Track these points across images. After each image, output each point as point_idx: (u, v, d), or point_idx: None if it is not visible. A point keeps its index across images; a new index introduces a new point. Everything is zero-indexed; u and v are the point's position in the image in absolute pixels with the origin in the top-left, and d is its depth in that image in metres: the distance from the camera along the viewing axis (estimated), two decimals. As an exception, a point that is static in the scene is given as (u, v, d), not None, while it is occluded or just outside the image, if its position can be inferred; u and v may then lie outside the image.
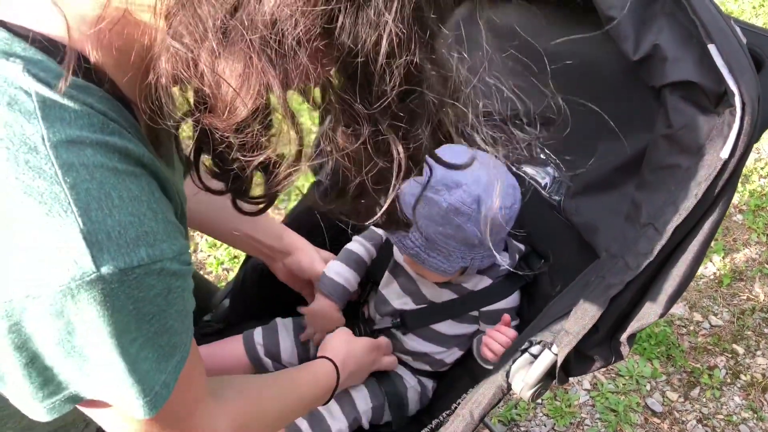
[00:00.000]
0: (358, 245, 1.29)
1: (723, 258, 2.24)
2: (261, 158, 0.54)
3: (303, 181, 2.56)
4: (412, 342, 1.22)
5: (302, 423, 1.14)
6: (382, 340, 1.21)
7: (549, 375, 0.95)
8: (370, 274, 1.29)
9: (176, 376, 0.60)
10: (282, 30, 0.46)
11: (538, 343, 0.95)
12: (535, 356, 0.95)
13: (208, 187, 0.64)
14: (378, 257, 1.29)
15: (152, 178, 0.55)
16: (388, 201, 0.61)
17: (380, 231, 1.31)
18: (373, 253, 1.30)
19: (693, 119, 0.89)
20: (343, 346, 1.12)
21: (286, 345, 1.25)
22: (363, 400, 1.18)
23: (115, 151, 0.51)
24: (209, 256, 2.23)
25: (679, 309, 2.12)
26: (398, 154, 0.56)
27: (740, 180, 2.44)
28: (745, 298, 2.14)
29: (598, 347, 0.94)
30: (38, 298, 0.48)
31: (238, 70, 0.48)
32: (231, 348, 1.24)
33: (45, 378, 0.54)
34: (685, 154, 0.89)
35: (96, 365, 0.53)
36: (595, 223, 1.04)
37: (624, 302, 0.90)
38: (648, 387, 1.94)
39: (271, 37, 0.46)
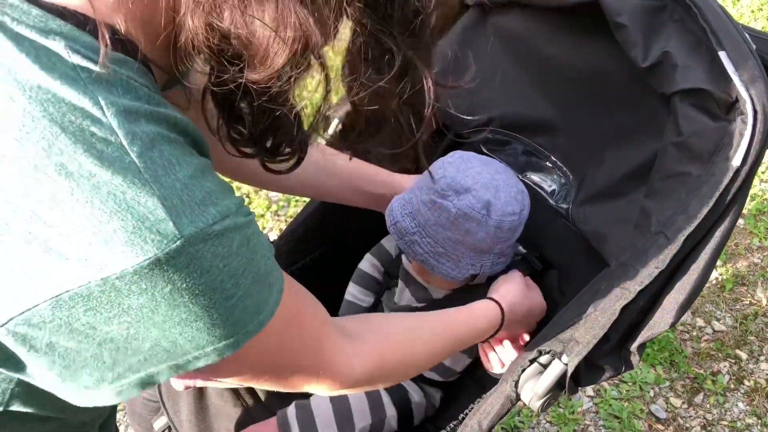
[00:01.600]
0: (367, 263, 1.31)
1: (725, 263, 2.23)
2: (300, 104, 0.54)
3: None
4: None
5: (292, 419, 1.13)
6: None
7: (559, 385, 0.94)
8: (386, 275, 1.29)
9: (275, 308, 0.59)
10: None
11: (548, 352, 0.94)
12: (545, 366, 0.94)
13: (242, 151, 0.63)
14: (395, 258, 1.29)
15: (195, 143, 0.55)
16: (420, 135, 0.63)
17: (390, 244, 1.30)
18: (382, 268, 1.31)
19: (703, 127, 0.89)
20: (514, 290, 1.07)
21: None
22: (361, 416, 1.17)
23: (163, 120, 0.51)
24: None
25: (681, 314, 2.11)
26: (427, 78, 0.58)
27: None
28: (747, 303, 2.13)
29: (608, 357, 0.93)
30: (121, 278, 0.46)
31: (271, 14, 0.48)
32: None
33: (114, 360, 0.52)
34: (695, 162, 0.89)
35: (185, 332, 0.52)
36: (603, 231, 1.03)
37: (635, 311, 0.89)
38: (651, 393, 1.93)
39: None
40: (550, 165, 1.14)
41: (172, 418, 1.18)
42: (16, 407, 0.59)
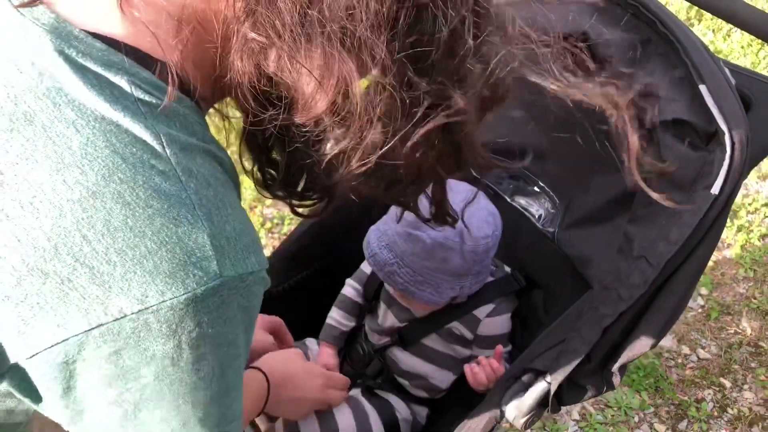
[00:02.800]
0: (350, 289, 1.35)
1: (711, 292, 2.27)
2: (337, 149, 0.53)
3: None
4: (410, 360, 1.24)
5: None
6: (336, 374, 1.19)
7: (542, 403, 0.97)
8: (366, 295, 1.32)
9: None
10: (358, 16, 0.46)
11: (532, 371, 0.97)
12: (529, 385, 0.97)
13: (275, 194, 0.64)
14: (371, 276, 1.32)
15: (235, 183, 0.55)
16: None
17: (367, 266, 1.33)
18: (363, 292, 1.34)
19: (684, 156, 0.92)
20: (280, 363, 1.06)
21: None
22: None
23: (216, 161, 0.52)
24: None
25: (667, 341, 2.14)
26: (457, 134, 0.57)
27: (729, 216, 2.48)
28: (732, 332, 2.16)
29: (590, 377, 0.96)
30: (157, 312, 0.46)
31: (318, 61, 0.48)
32: None
33: (126, 412, 0.50)
34: (676, 190, 0.92)
35: (195, 395, 0.51)
36: (588, 255, 1.06)
37: (616, 332, 0.92)
38: (636, 419, 1.95)
39: (348, 26, 0.47)
40: (537, 190, 1.17)
41: None
42: None
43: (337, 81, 0.49)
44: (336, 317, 1.33)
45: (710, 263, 2.34)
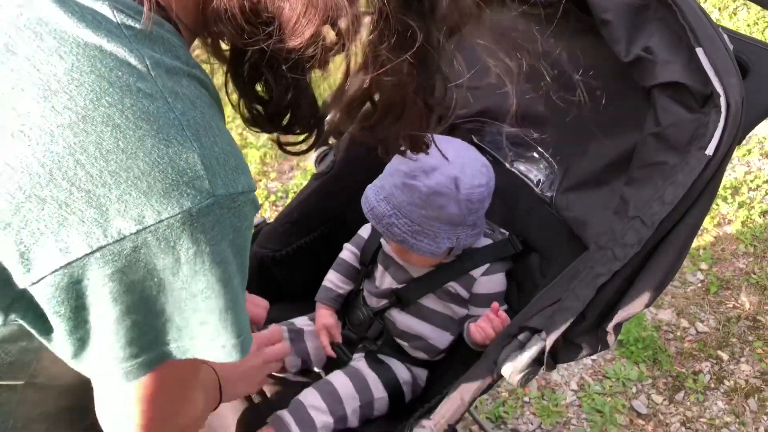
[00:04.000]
0: (348, 252, 1.38)
1: (711, 267, 2.28)
2: (321, 74, 0.55)
3: (301, 179, 2.60)
4: (408, 321, 1.26)
5: (286, 416, 1.16)
6: (262, 333, 1.18)
7: (537, 361, 0.99)
8: (363, 260, 1.35)
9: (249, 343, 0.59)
10: None
11: (528, 329, 0.99)
12: (524, 343, 0.99)
13: (264, 128, 0.65)
14: (368, 241, 1.35)
15: (220, 110, 0.56)
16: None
17: (365, 231, 1.36)
18: (360, 256, 1.37)
19: (680, 118, 0.94)
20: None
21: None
22: (350, 398, 1.20)
23: (201, 84, 0.52)
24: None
25: (666, 315, 2.16)
26: (438, 70, 0.60)
27: (730, 192, 2.49)
28: (731, 306, 2.18)
29: (585, 335, 0.98)
30: (155, 231, 0.47)
31: None
32: None
33: (134, 334, 0.52)
34: (672, 151, 0.94)
35: (199, 307, 0.52)
36: (585, 218, 1.08)
37: (611, 291, 0.94)
38: (634, 389, 1.97)
39: None
40: (536, 155, 1.19)
41: None
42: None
43: (326, 6, 0.50)
44: (333, 279, 1.36)
45: (710, 238, 2.36)
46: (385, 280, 1.30)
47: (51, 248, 0.47)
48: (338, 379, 1.22)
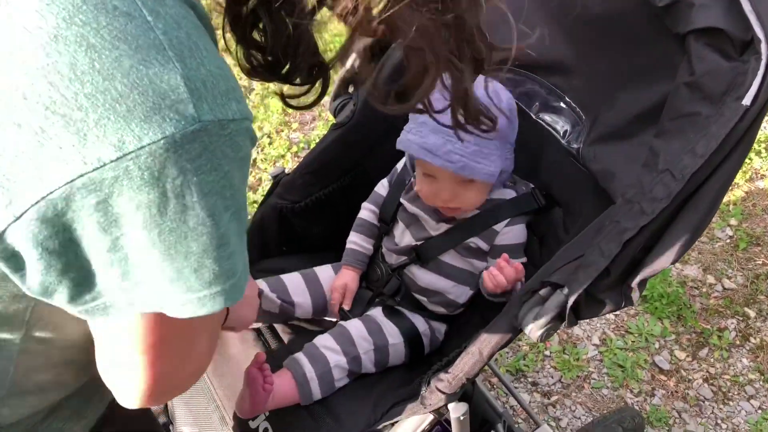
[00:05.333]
0: (367, 212, 1.36)
1: (741, 222, 2.23)
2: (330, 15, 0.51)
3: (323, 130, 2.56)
4: (427, 277, 1.25)
5: (300, 356, 1.17)
6: None
7: (559, 317, 0.97)
8: (382, 217, 1.33)
9: (247, 271, 0.56)
10: None
11: (550, 284, 0.97)
12: (546, 298, 0.97)
13: (264, 77, 0.62)
14: (387, 198, 1.32)
15: (214, 42, 0.53)
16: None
17: (383, 188, 1.34)
18: (379, 214, 1.36)
19: (716, 66, 0.89)
20: None
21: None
22: (363, 340, 1.21)
23: (187, 4, 0.49)
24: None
25: (692, 270, 2.12)
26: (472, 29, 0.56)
27: (764, 146, 2.41)
28: (760, 263, 2.13)
29: (609, 291, 0.95)
30: (136, 158, 0.44)
31: None
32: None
33: (121, 271, 0.49)
34: (706, 102, 0.90)
35: (187, 245, 0.49)
36: (612, 170, 1.04)
37: (637, 246, 0.91)
38: (657, 345, 1.96)
39: None
40: (563, 105, 1.15)
41: None
42: None
43: None
44: (357, 241, 1.35)
45: (741, 194, 2.30)
46: (405, 237, 1.28)
47: (31, 177, 0.45)
48: (352, 323, 1.23)
